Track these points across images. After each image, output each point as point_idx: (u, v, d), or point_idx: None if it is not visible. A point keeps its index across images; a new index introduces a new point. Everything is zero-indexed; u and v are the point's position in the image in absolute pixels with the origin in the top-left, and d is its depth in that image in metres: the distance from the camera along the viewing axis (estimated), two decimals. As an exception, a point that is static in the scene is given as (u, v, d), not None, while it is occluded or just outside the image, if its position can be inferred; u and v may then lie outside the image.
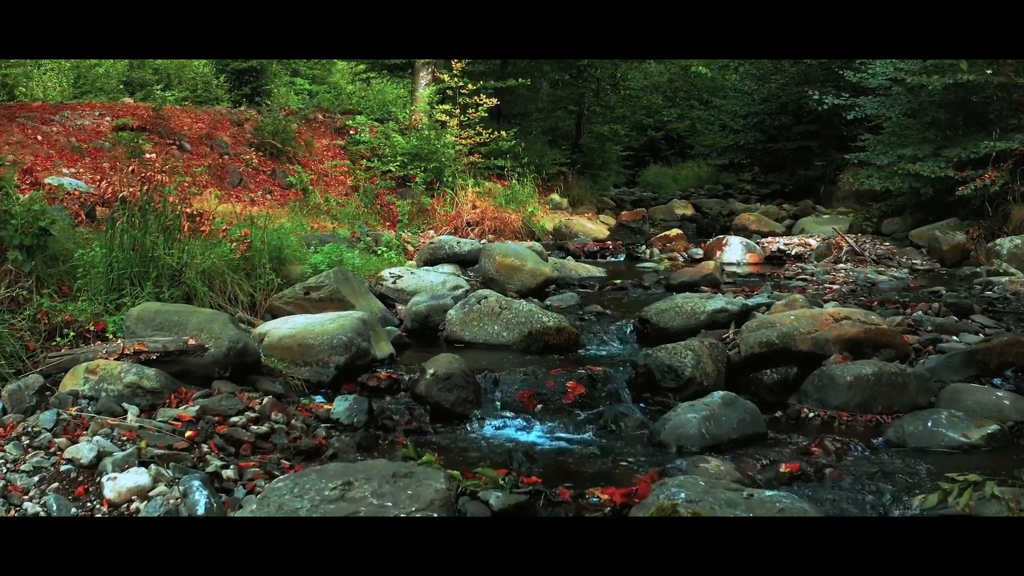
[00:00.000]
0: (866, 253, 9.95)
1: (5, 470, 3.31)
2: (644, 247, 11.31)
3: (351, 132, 13.76)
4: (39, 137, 10.15)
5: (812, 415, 4.69)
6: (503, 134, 13.22)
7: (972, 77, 10.10)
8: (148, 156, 9.48)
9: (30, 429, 3.62)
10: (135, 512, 3.09)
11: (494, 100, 13.49)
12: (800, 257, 10.57)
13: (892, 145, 11.99)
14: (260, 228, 6.54)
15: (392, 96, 19.08)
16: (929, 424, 4.24)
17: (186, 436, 3.71)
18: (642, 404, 4.89)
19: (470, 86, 13.19)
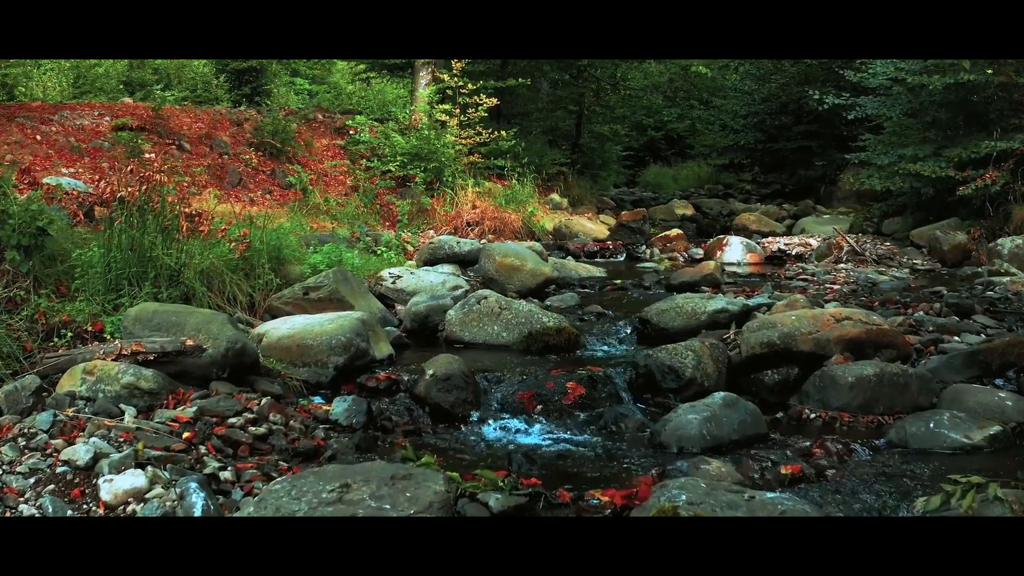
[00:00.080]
0: (867, 253, 9.92)
1: (1, 472, 3.29)
2: (644, 247, 11.29)
3: (351, 132, 13.74)
4: (38, 137, 10.13)
5: (813, 416, 4.66)
6: (503, 134, 13.19)
7: (973, 77, 10.07)
8: (147, 156, 9.46)
9: (26, 430, 3.59)
10: (131, 515, 3.06)
11: (494, 100, 13.47)
12: (801, 257, 10.55)
13: (893, 145, 11.96)
14: (259, 228, 6.52)
15: (392, 96, 19.06)
16: (931, 425, 4.22)
17: (184, 437, 3.69)
18: (642, 405, 4.87)
19: (470, 86, 13.17)
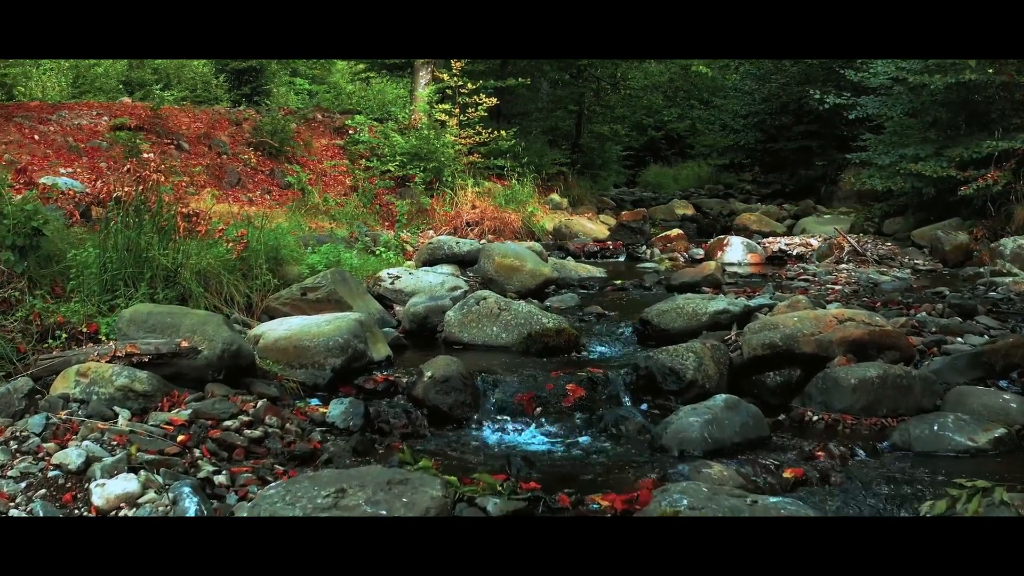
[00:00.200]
0: (868, 253, 9.88)
1: (-8, 476, 3.24)
2: (644, 247, 11.25)
3: (350, 132, 13.71)
4: (36, 137, 10.09)
5: (816, 418, 4.60)
6: (503, 134, 13.15)
7: (974, 76, 10.03)
8: (145, 156, 9.43)
9: (18, 433, 3.54)
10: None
11: (494, 100, 13.44)
12: (802, 257, 10.51)
13: (894, 145, 11.91)
14: (257, 228, 6.47)
15: (391, 96, 19.05)
16: (935, 428, 4.17)
17: (178, 440, 3.64)
18: (643, 407, 4.81)
19: (470, 85, 13.13)
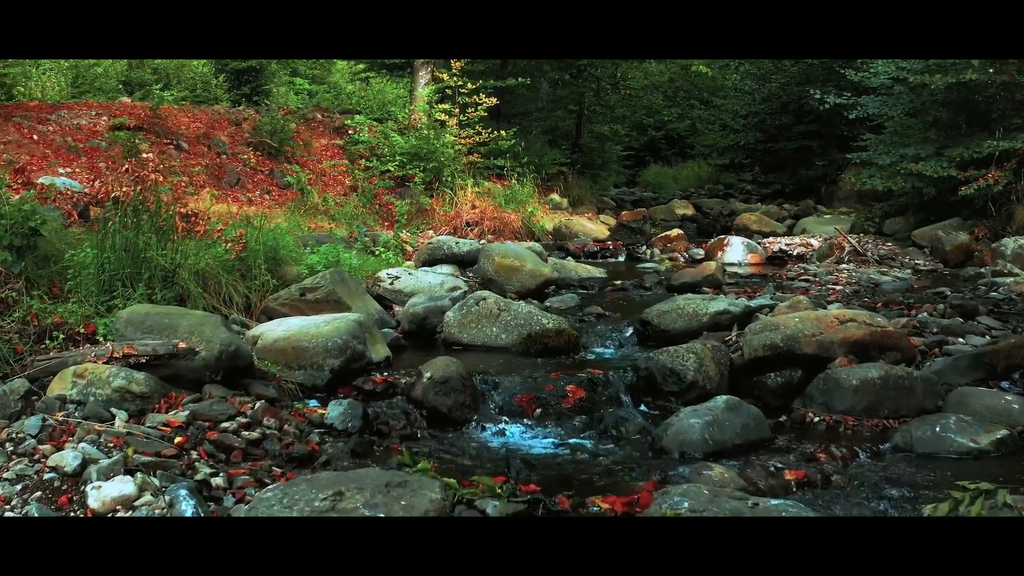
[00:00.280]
0: (868, 253, 9.86)
1: (-13, 478, 3.22)
2: (645, 247, 11.22)
3: (350, 132, 13.68)
4: (35, 136, 10.06)
5: (817, 419, 4.58)
6: (503, 134, 13.13)
7: (975, 76, 10.00)
8: (144, 156, 9.41)
9: (14, 435, 3.52)
10: (120, 522, 2.99)
11: (494, 99, 13.41)
12: (802, 257, 10.48)
13: (894, 144, 11.89)
14: (256, 228, 6.44)
15: (391, 96, 19.02)
16: (937, 429, 4.15)
17: (175, 442, 3.61)
18: (643, 408, 4.79)
19: (469, 85, 13.10)
